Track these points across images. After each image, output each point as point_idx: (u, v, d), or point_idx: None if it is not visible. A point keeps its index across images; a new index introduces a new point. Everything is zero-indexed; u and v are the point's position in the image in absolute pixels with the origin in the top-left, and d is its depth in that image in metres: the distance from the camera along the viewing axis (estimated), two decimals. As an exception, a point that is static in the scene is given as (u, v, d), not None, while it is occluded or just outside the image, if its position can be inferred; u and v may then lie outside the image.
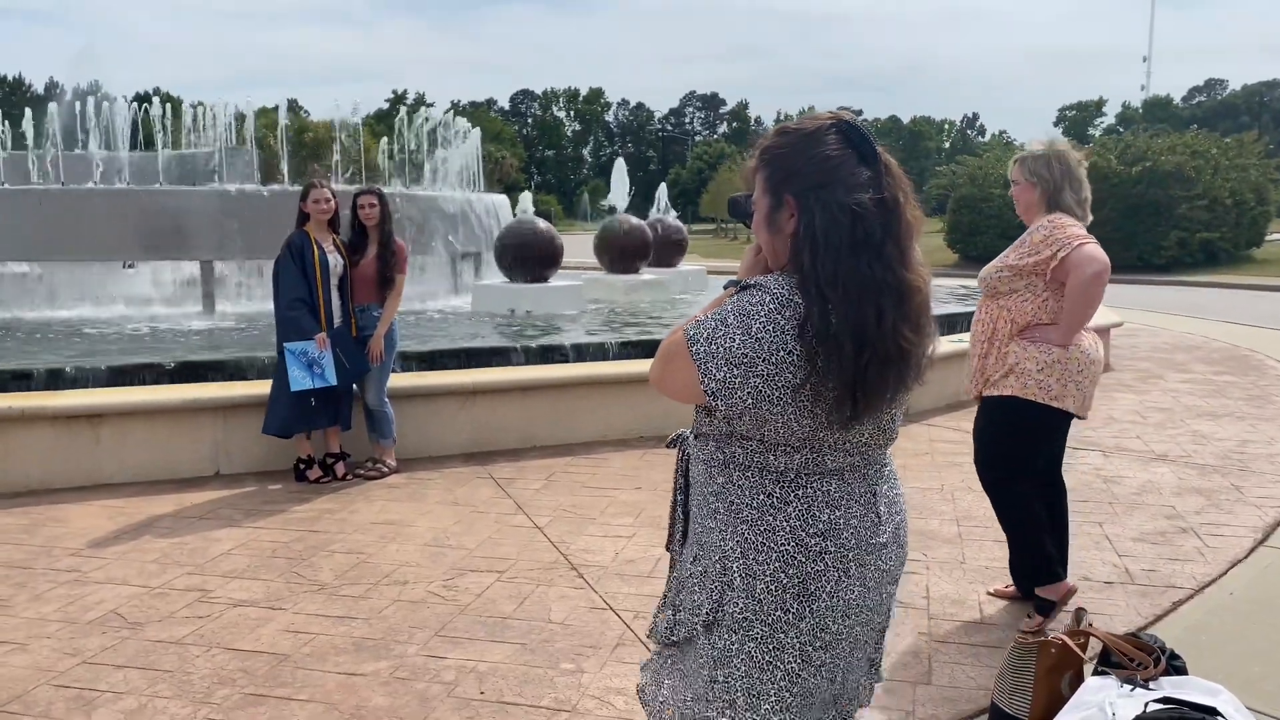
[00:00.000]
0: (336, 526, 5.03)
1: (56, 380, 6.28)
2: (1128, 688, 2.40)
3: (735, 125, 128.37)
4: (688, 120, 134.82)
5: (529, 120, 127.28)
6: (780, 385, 1.60)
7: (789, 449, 1.69)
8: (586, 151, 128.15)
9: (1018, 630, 3.77)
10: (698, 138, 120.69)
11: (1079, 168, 3.75)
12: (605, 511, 5.26)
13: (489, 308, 10.69)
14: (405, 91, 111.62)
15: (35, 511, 5.30)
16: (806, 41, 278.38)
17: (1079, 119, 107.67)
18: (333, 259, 5.82)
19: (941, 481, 5.81)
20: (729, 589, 1.75)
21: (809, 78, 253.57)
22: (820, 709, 1.82)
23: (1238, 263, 26.51)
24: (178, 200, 10.81)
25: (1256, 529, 4.88)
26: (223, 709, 3.16)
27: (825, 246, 1.59)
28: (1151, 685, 2.40)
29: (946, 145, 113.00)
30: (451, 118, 19.74)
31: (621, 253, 12.43)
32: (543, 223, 11.28)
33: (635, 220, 12.93)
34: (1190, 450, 6.55)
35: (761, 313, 1.61)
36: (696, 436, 1.85)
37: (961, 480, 5.74)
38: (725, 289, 1.75)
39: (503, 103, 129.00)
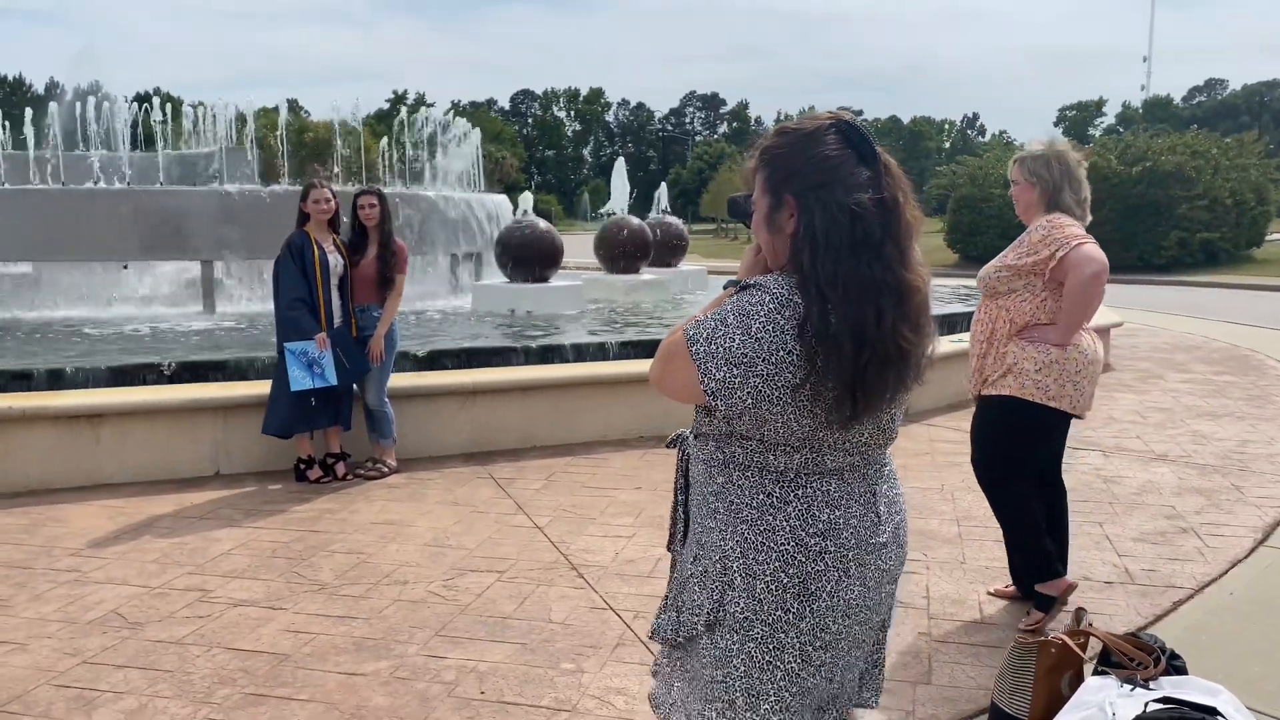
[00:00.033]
0: (337, 526, 5.04)
1: (57, 380, 6.28)
2: (1128, 688, 2.40)
3: (735, 125, 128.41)
4: (688, 120, 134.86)
5: (529, 120, 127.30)
6: (780, 385, 1.61)
7: (789, 449, 1.69)
8: (587, 151, 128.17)
9: (1017, 629, 3.78)
10: (698, 138, 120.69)
11: (1079, 168, 3.75)
12: (605, 511, 5.26)
13: (489, 308, 10.70)
14: (405, 92, 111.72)
15: (35, 511, 5.30)
16: (806, 41, 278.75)
17: (1079, 119, 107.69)
18: (333, 259, 5.82)
19: (941, 481, 5.82)
20: (729, 589, 1.75)
21: (809, 78, 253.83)
22: (818, 708, 1.82)
23: (1238, 263, 26.52)
24: (178, 200, 10.82)
25: (1256, 529, 4.88)
26: (223, 709, 3.16)
27: (825, 246, 1.60)
28: (1151, 685, 2.40)
29: (947, 145, 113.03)
30: (452, 118, 19.74)
31: (621, 253, 12.44)
32: (543, 223, 11.29)
33: (635, 220, 12.94)
34: (1190, 450, 6.56)
35: (761, 313, 1.61)
36: (696, 436, 1.85)
37: (961, 480, 5.74)
38: (725, 289, 1.75)
39: (503, 103, 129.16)
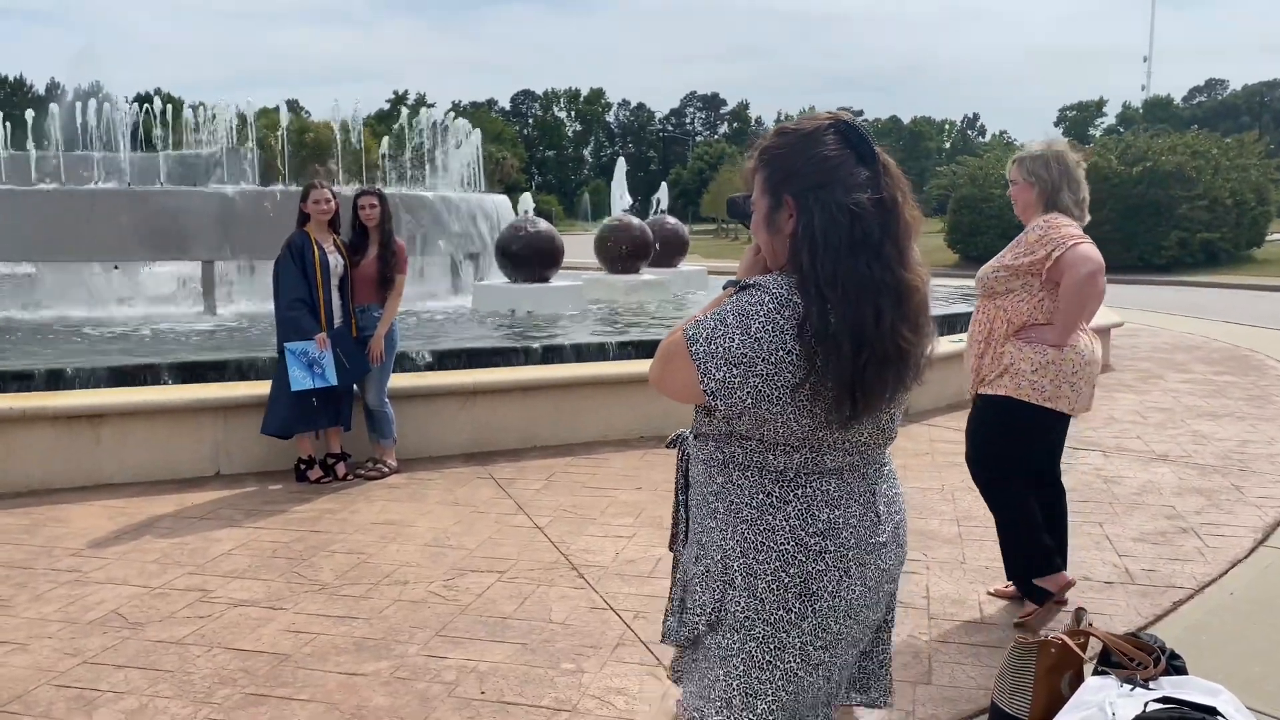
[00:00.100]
0: (337, 527, 5.04)
1: (57, 380, 6.28)
2: (1128, 687, 2.40)
3: (736, 125, 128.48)
4: (688, 120, 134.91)
5: (530, 120, 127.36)
6: (779, 385, 1.61)
7: (788, 448, 1.69)
8: (587, 152, 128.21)
9: (1013, 625, 3.79)
10: (698, 138, 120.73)
11: (1077, 168, 3.75)
12: (606, 511, 5.26)
13: (490, 308, 10.70)
14: (406, 92, 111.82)
15: (36, 512, 5.31)
16: (806, 41, 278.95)
17: (1079, 119, 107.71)
18: (333, 259, 5.82)
19: (941, 481, 5.82)
20: (730, 588, 1.75)
21: (809, 78, 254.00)
22: (815, 707, 1.83)
23: (1238, 263, 26.51)
24: (178, 201, 10.82)
25: (1257, 529, 4.88)
26: (223, 709, 3.16)
27: (824, 246, 1.60)
28: (1151, 685, 2.40)
29: (947, 145, 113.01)
30: (452, 119, 19.74)
31: (622, 253, 12.44)
32: (543, 223, 11.29)
33: (636, 221, 12.94)
34: (1190, 450, 6.55)
35: (761, 313, 1.61)
36: (696, 436, 1.85)
37: (961, 480, 5.73)
38: (724, 289, 1.76)
39: (503, 103, 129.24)
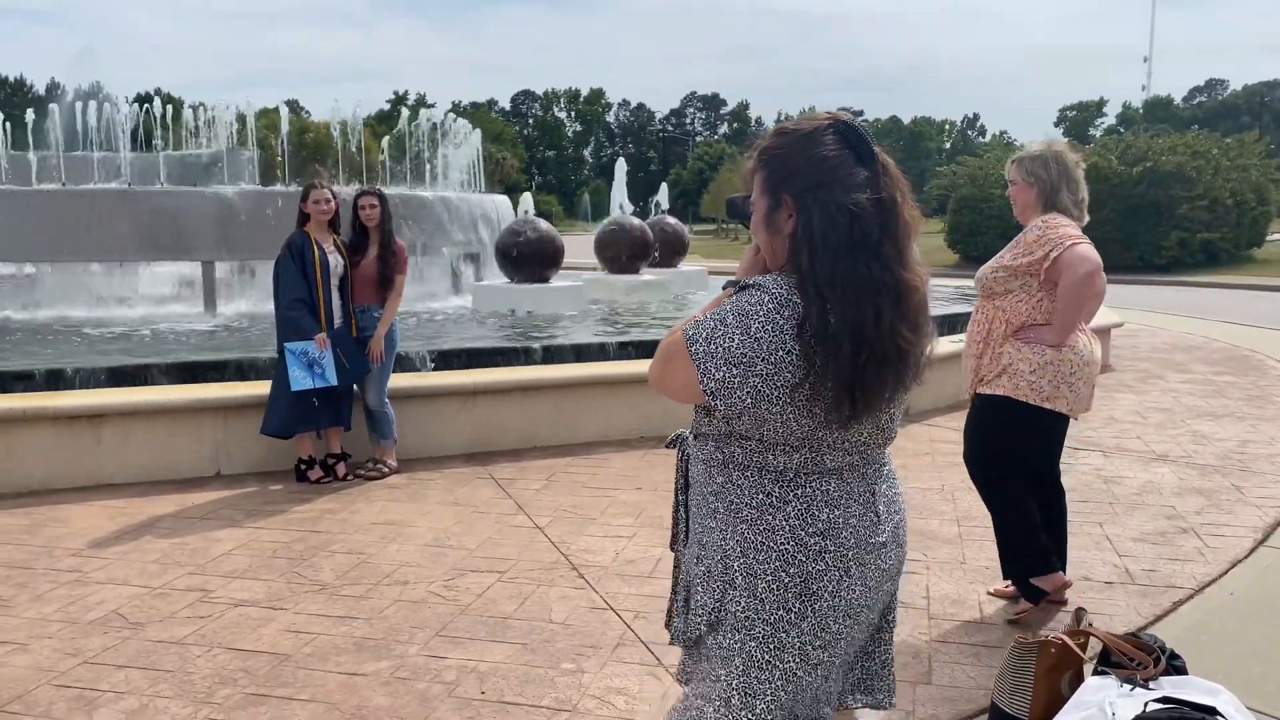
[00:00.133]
0: (337, 527, 5.04)
1: (58, 380, 6.29)
2: (1127, 687, 2.40)
3: (736, 126, 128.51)
4: (688, 121, 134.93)
5: (530, 121, 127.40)
6: (779, 385, 1.61)
7: (788, 448, 1.70)
8: (587, 152, 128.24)
9: (1006, 622, 3.81)
10: (698, 138, 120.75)
11: (1077, 168, 3.75)
12: (606, 512, 5.26)
13: (490, 308, 10.70)
14: (406, 92, 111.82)
15: (37, 512, 5.31)
16: (806, 41, 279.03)
17: (1080, 119, 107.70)
18: (333, 259, 5.83)
19: (941, 481, 5.82)
20: (730, 588, 1.75)
21: (809, 78, 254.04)
22: (814, 706, 1.83)
23: (1238, 263, 26.51)
24: (178, 201, 10.82)
25: (1257, 529, 4.88)
26: (224, 709, 3.16)
27: (823, 247, 1.60)
28: (1151, 685, 2.40)
29: (947, 146, 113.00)
30: (452, 120, 19.74)
31: (622, 254, 12.44)
32: (544, 223, 11.29)
33: (636, 221, 12.93)
34: (1191, 450, 6.56)
35: (760, 313, 1.61)
36: (696, 436, 1.85)
37: (961, 480, 5.72)
38: (724, 289, 1.76)
39: (504, 103, 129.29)
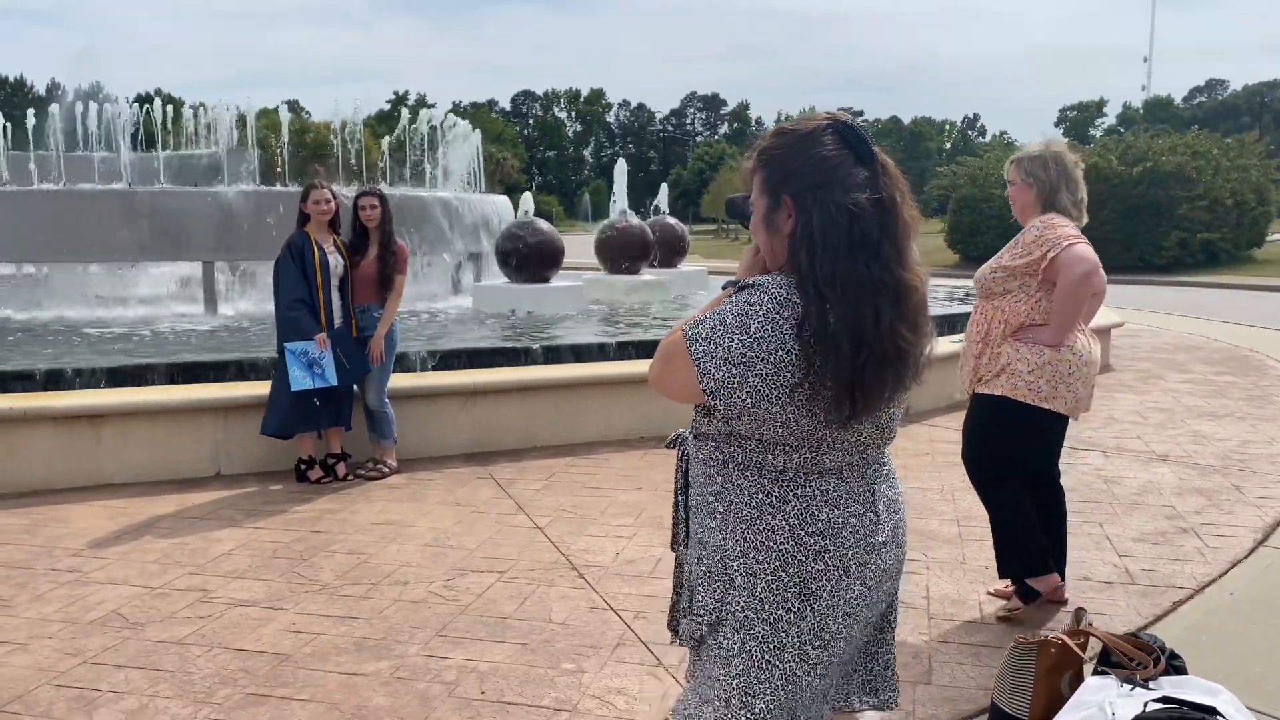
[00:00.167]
0: (337, 527, 5.04)
1: (58, 381, 6.29)
2: (1127, 687, 2.40)
3: (736, 126, 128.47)
4: (689, 121, 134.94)
5: (530, 121, 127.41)
6: (779, 384, 1.61)
7: (787, 448, 1.70)
8: (588, 152, 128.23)
9: (997, 618, 3.83)
10: (699, 138, 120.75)
11: (1075, 169, 3.75)
12: (606, 512, 5.26)
13: (490, 309, 10.70)
14: (406, 92, 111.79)
15: (37, 512, 5.31)
16: (806, 41, 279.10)
17: (1080, 119, 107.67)
18: (333, 260, 5.83)
19: (941, 481, 5.82)
20: (730, 588, 1.75)
21: (809, 78, 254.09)
22: (813, 706, 1.83)
23: (1238, 263, 26.50)
24: (178, 201, 10.82)
25: (1257, 529, 4.88)
26: (224, 709, 3.16)
27: (823, 247, 1.60)
28: (1151, 685, 2.40)
29: (947, 146, 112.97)
30: (452, 122, 19.72)
31: (622, 253, 12.44)
32: (544, 223, 11.29)
33: (636, 221, 12.93)
34: (1191, 450, 6.56)
35: (760, 312, 1.61)
36: (695, 436, 1.85)
37: (961, 480, 5.71)
38: (724, 289, 1.76)
39: (504, 103, 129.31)
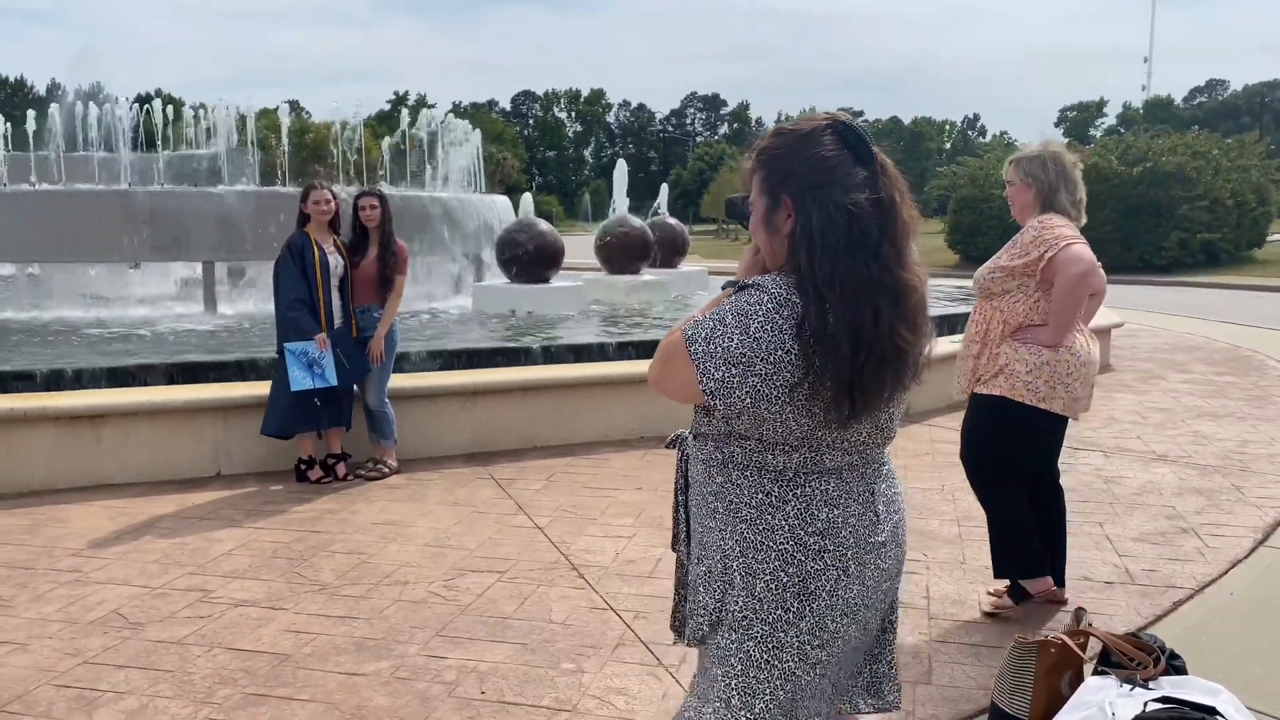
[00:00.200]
0: (337, 527, 5.04)
1: (58, 381, 6.28)
2: (1127, 687, 2.40)
3: (736, 126, 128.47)
4: (689, 121, 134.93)
5: (530, 121, 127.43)
6: (778, 384, 1.61)
7: (787, 448, 1.70)
8: (588, 152, 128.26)
9: (982, 613, 3.86)
10: (699, 139, 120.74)
11: (1074, 169, 3.75)
12: (606, 512, 5.26)
13: (490, 309, 10.70)
14: (406, 93, 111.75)
15: (37, 512, 5.31)
16: (806, 41, 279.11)
17: (1080, 119, 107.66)
18: (333, 260, 5.83)
19: (942, 481, 5.81)
20: (729, 588, 1.76)
21: (809, 78, 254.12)
22: (814, 706, 1.83)
23: (1239, 263, 26.50)
24: (179, 202, 10.83)
25: (1257, 529, 4.88)
26: (224, 709, 3.16)
27: (822, 247, 1.60)
28: (1151, 685, 2.40)
29: (947, 146, 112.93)
30: (452, 119, 19.73)
31: (622, 254, 12.43)
32: (544, 224, 11.29)
33: (636, 221, 12.93)
34: (1191, 451, 6.56)
35: (759, 312, 1.61)
36: (695, 436, 1.85)
37: (962, 480, 5.69)
38: (723, 289, 1.76)
39: (504, 104, 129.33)
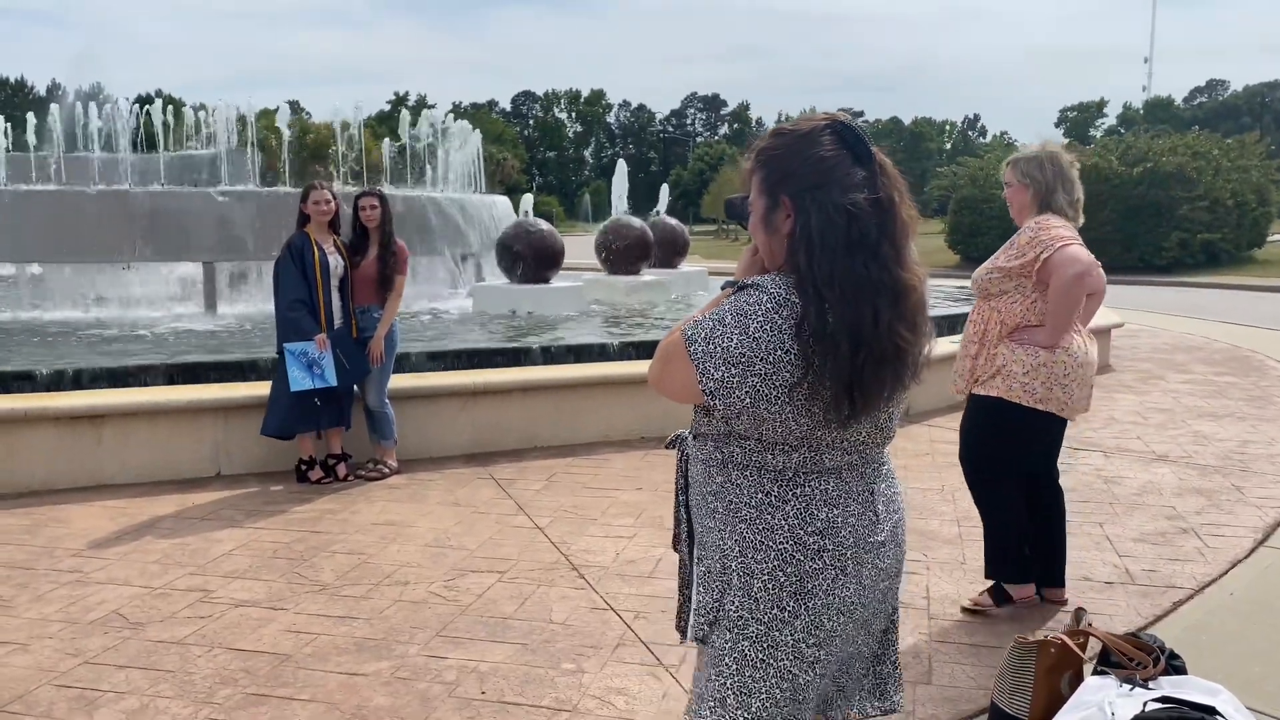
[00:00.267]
0: (338, 527, 5.04)
1: (59, 381, 6.29)
2: (1127, 687, 2.40)
3: (736, 126, 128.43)
4: (689, 121, 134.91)
5: (530, 121, 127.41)
6: (778, 384, 1.61)
7: (787, 448, 1.70)
8: (588, 153, 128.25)
9: (961, 609, 3.89)
10: (699, 139, 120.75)
11: (1072, 169, 3.76)
12: (606, 512, 5.26)
13: (490, 309, 10.70)
14: (407, 93, 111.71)
15: (37, 512, 5.31)
16: (806, 41, 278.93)
17: (1080, 120, 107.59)
18: (333, 260, 5.83)
19: (941, 481, 5.82)
20: (728, 587, 1.76)
21: (809, 78, 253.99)
22: (814, 706, 1.83)
23: (1239, 264, 26.50)
24: (179, 202, 10.83)
25: (1257, 529, 4.89)
26: (224, 709, 3.17)
27: (821, 247, 1.60)
28: (1151, 685, 2.40)
29: (948, 146, 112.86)
30: (452, 120, 19.73)
31: (622, 254, 12.43)
32: (544, 224, 11.30)
33: (636, 221, 12.93)
34: (1191, 451, 6.56)
35: (759, 312, 1.62)
36: (695, 436, 1.85)
37: (962, 480, 5.70)
38: (723, 289, 1.76)
39: (504, 104, 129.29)
